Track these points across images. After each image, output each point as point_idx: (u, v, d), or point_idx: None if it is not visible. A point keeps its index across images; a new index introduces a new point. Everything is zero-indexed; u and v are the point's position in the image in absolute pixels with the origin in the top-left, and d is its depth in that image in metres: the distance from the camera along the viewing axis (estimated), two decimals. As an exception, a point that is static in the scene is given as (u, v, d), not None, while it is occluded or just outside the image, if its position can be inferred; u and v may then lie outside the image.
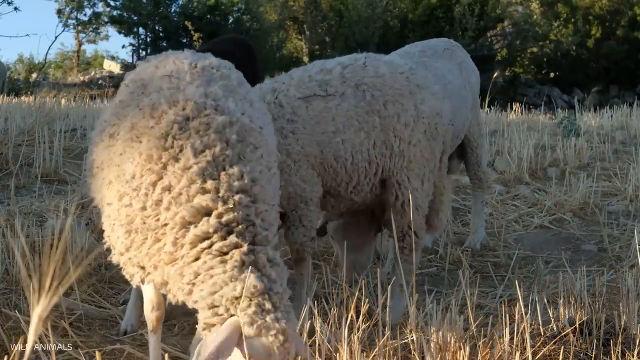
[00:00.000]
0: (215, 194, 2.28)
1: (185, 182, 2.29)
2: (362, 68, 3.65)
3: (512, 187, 6.86)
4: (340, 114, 3.50)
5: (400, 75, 3.68)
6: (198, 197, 2.27)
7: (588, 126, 9.79)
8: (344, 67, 3.63)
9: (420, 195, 3.70)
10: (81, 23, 25.41)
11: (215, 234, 2.24)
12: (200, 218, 2.26)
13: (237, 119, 2.47)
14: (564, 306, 3.33)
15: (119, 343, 3.28)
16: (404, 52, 4.84)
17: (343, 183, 3.55)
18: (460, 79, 4.93)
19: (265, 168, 2.51)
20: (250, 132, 2.49)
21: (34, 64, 24.29)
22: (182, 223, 2.27)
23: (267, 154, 2.58)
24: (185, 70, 2.67)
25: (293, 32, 23.94)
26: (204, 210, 2.27)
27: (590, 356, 2.94)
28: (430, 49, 4.92)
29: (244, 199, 2.30)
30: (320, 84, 3.55)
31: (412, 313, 2.75)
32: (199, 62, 2.75)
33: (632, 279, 3.51)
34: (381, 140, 3.56)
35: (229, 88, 2.66)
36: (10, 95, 12.31)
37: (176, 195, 2.29)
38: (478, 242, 5.20)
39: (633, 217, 5.94)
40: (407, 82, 3.67)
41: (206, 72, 2.69)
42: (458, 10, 20.55)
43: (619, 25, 23.10)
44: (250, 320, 2.12)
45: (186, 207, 2.26)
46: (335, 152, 3.48)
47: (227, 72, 2.80)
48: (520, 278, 4.42)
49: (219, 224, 2.25)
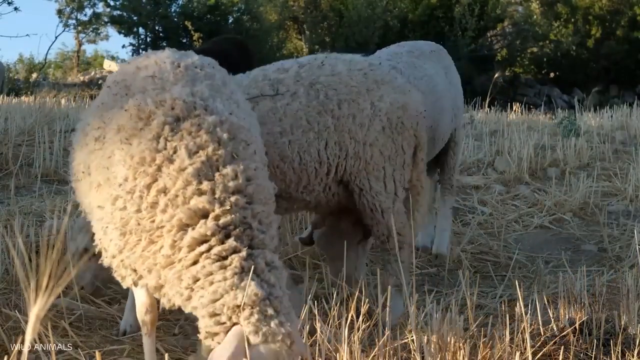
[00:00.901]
0: (211, 195, 2.27)
1: (181, 184, 2.28)
2: (318, 67, 3.58)
3: (512, 187, 6.85)
4: (288, 114, 3.43)
5: (358, 72, 3.60)
6: (195, 199, 2.26)
7: (588, 126, 9.79)
8: (300, 66, 3.57)
9: (385, 198, 3.61)
10: (81, 23, 25.42)
11: (214, 237, 2.23)
12: (197, 220, 2.26)
13: (226, 118, 2.47)
14: (564, 306, 3.33)
15: (118, 343, 3.28)
16: (391, 52, 4.80)
17: (292, 183, 3.48)
18: (446, 81, 4.91)
19: (260, 164, 2.51)
20: (240, 130, 2.48)
21: (34, 64, 24.29)
22: (179, 225, 2.26)
23: (259, 150, 2.58)
24: (168, 70, 2.65)
25: (293, 32, 23.95)
26: (201, 212, 2.26)
27: (590, 356, 2.94)
28: (417, 49, 4.88)
29: (240, 201, 2.29)
30: (272, 83, 3.50)
31: (412, 313, 2.75)
32: (182, 61, 2.73)
33: (632, 279, 3.51)
34: (334, 140, 3.48)
35: (215, 87, 2.65)
36: (10, 95, 12.30)
37: (172, 197, 2.28)
38: (444, 247, 4.98)
39: (633, 217, 5.94)
40: (364, 78, 3.59)
41: (190, 71, 2.68)
42: (458, 10, 20.55)
43: (619, 25, 23.10)
44: (255, 329, 2.12)
45: (183, 210, 2.26)
46: (281, 152, 3.41)
47: (212, 71, 2.79)
48: (520, 278, 4.42)
49: (217, 226, 2.24)
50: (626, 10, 23.07)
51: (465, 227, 5.65)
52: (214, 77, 2.73)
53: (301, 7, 22.35)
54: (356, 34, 20.26)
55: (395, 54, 4.76)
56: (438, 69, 4.85)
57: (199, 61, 2.80)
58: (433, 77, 4.69)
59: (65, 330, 3.30)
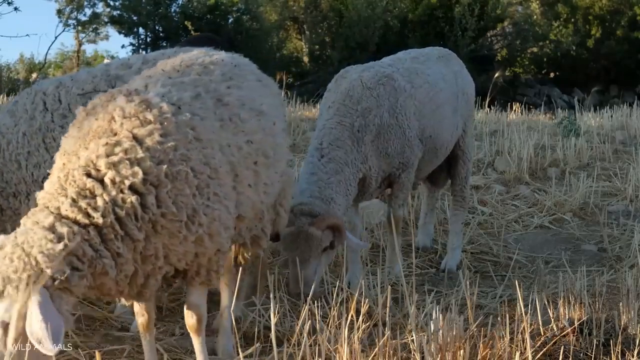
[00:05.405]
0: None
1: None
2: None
3: (512, 187, 6.86)
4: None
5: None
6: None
7: (588, 126, 9.78)
8: (145, 62, 3.49)
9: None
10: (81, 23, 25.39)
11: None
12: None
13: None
14: (564, 306, 3.33)
15: (118, 343, 3.28)
16: (395, 58, 4.79)
17: None
18: (456, 87, 4.88)
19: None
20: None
21: (34, 63, 24.27)
22: None
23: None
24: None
25: (293, 32, 23.92)
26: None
27: (590, 356, 2.94)
28: (423, 55, 4.86)
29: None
30: (110, 79, 3.43)
31: (412, 313, 2.75)
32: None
33: (632, 279, 3.52)
34: None
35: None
36: (10, 95, 12.29)
37: None
38: (454, 264, 4.85)
39: (633, 217, 5.94)
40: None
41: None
42: (458, 10, 20.52)
43: (619, 25, 23.07)
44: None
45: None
46: None
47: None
48: (520, 278, 4.43)
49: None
50: (626, 10, 23.04)
51: (465, 227, 5.65)
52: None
53: (301, 7, 22.33)
54: (356, 34, 20.22)
55: (398, 60, 4.73)
56: (446, 75, 4.82)
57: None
58: (437, 83, 4.67)
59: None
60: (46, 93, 3.42)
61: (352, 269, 4.38)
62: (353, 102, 4.27)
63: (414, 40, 19.49)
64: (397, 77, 4.44)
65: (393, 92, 4.36)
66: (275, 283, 3.53)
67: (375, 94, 4.30)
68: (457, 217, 5.03)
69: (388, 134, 4.30)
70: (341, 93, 4.33)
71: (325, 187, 4.03)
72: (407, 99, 4.40)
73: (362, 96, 4.28)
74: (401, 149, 4.35)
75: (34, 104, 3.40)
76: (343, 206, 4.11)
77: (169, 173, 2.42)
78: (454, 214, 5.06)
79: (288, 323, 3.48)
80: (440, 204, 5.93)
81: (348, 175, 4.13)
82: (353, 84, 4.34)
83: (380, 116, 4.28)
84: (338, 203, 4.05)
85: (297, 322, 2.73)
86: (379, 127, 4.26)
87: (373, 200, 5.10)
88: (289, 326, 3.45)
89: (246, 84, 3.02)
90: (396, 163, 4.36)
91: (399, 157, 4.36)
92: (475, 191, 6.59)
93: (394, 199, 4.49)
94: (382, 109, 4.29)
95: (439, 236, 5.43)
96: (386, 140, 4.30)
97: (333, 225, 3.90)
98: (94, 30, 26.28)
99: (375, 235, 5.19)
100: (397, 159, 4.36)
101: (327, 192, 4.03)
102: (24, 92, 3.54)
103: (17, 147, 3.33)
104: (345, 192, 4.12)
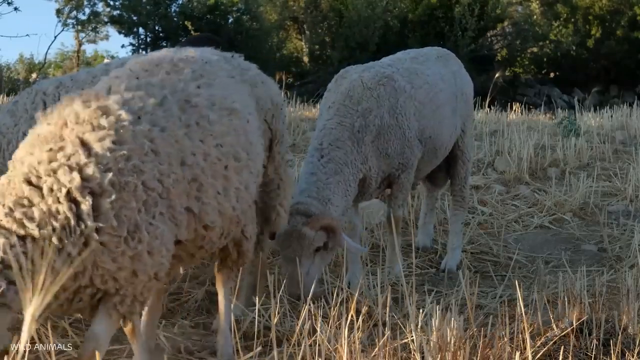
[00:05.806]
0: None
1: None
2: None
3: (512, 187, 6.86)
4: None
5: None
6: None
7: (588, 126, 9.78)
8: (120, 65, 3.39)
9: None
10: (80, 22, 25.38)
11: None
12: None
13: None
14: (564, 306, 3.33)
15: (118, 343, 3.28)
16: (395, 59, 4.79)
17: None
18: (454, 87, 4.89)
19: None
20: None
21: (34, 63, 24.30)
22: None
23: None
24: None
25: (293, 32, 23.92)
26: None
27: (590, 356, 2.94)
28: (422, 55, 4.86)
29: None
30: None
31: (412, 313, 2.75)
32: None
33: (632, 279, 3.52)
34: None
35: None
36: (10, 95, 12.29)
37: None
38: (454, 264, 4.84)
39: (633, 217, 5.94)
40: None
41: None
42: (458, 10, 20.52)
43: (619, 25, 23.06)
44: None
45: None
46: None
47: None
48: (520, 278, 4.43)
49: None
50: (626, 10, 23.04)
51: (465, 227, 5.65)
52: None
53: (301, 7, 22.33)
54: (356, 34, 20.22)
55: (397, 60, 4.74)
56: (445, 75, 4.82)
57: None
58: (437, 83, 4.67)
59: (65, 330, 3.30)
60: (46, 93, 3.42)
61: (352, 269, 4.38)
62: (353, 102, 4.27)
63: (414, 40, 19.49)
64: (397, 77, 4.44)
65: (393, 93, 4.36)
66: (275, 283, 3.53)
67: (375, 95, 4.30)
68: (457, 217, 5.04)
69: (388, 134, 4.30)
70: (341, 93, 4.33)
71: (323, 188, 4.03)
72: (407, 100, 4.40)
73: (362, 97, 4.28)
74: (401, 149, 4.35)
75: (34, 104, 3.40)
76: (341, 207, 4.11)
77: (116, 182, 2.27)
78: (453, 214, 5.07)
79: (288, 323, 3.48)
80: (440, 204, 5.93)
81: (348, 175, 4.13)
82: (353, 84, 4.34)
83: (381, 117, 4.28)
84: (335, 204, 4.05)
85: (297, 322, 2.73)
86: (379, 127, 4.27)
87: (373, 200, 5.09)
88: (289, 326, 3.45)
89: (218, 80, 2.85)
90: (396, 163, 4.37)
91: (399, 157, 4.36)
92: (475, 191, 6.60)
93: (394, 199, 4.49)
94: (383, 110, 4.29)
95: (439, 236, 5.43)
96: (386, 140, 4.30)
97: (327, 226, 3.89)
98: (93, 30, 26.27)
99: (375, 235, 5.19)
100: (397, 159, 4.36)
101: (325, 193, 4.02)
102: (24, 92, 3.55)
103: (17, 147, 3.33)
104: (345, 193, 4.12)
